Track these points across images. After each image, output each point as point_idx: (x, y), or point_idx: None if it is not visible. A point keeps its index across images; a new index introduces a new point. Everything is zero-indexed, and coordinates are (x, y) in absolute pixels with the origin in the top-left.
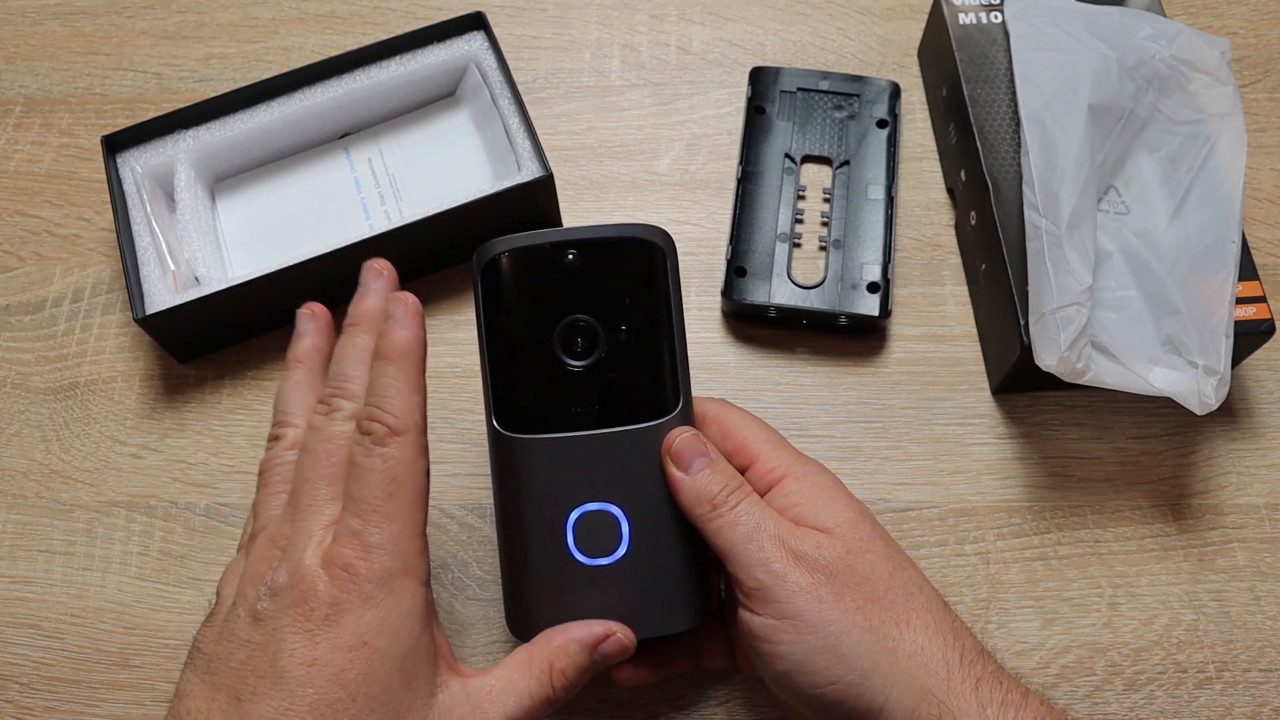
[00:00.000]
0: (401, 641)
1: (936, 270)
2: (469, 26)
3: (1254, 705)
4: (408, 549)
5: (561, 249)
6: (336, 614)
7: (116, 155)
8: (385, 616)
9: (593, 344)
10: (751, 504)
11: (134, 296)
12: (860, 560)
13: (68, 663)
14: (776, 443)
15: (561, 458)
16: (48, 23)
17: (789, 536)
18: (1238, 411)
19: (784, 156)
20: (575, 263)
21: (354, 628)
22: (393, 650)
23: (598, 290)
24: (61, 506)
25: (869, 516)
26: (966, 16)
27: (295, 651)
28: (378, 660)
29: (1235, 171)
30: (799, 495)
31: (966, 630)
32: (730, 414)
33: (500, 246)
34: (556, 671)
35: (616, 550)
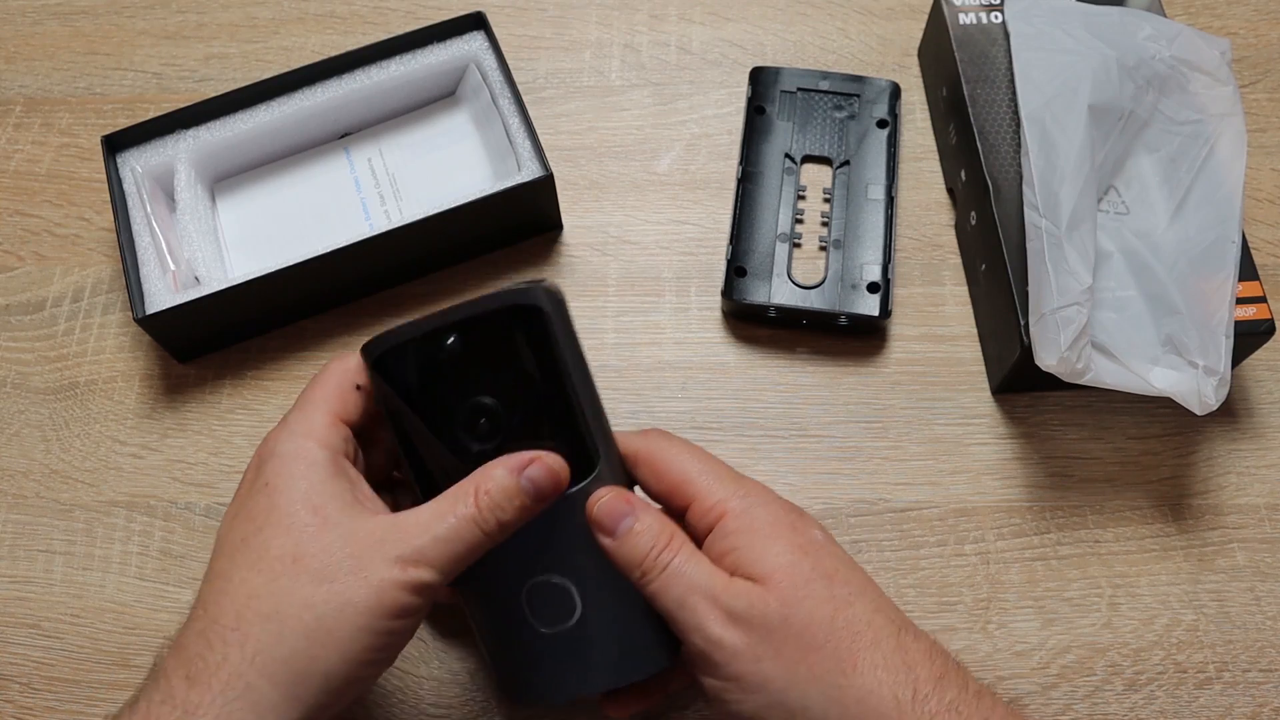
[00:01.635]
0: (300, 481)
1: (936, 270)
2: (469, 26)
3: (1254, 705)
4: (312, 426)
5: (439, 336)
6: (252, 474)
7: (116, 155)
8: (284, 465)
9: (497, 423)
10: (682, 560)
11: (134, 296)
12: (797, 611)
13: (68, 662)
14: (713, 475)
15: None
16: (48, 23)
17: (722, 594)
18: (1238, 411)
19: (784, 156)
20: (457, 346)
21: (261, 478)
22: (291, 488)
23: (488, 367)
24: (61, 506)
25: (812, 551)
26: (966, 16)
27: (230, 509)
28: (278, 496)
29: (1235, 172)
30: (737, 537)
31: (924, 657)
32: (662, 450)
33: (381, 344)
34: (481, 493)
35: (572, 616)
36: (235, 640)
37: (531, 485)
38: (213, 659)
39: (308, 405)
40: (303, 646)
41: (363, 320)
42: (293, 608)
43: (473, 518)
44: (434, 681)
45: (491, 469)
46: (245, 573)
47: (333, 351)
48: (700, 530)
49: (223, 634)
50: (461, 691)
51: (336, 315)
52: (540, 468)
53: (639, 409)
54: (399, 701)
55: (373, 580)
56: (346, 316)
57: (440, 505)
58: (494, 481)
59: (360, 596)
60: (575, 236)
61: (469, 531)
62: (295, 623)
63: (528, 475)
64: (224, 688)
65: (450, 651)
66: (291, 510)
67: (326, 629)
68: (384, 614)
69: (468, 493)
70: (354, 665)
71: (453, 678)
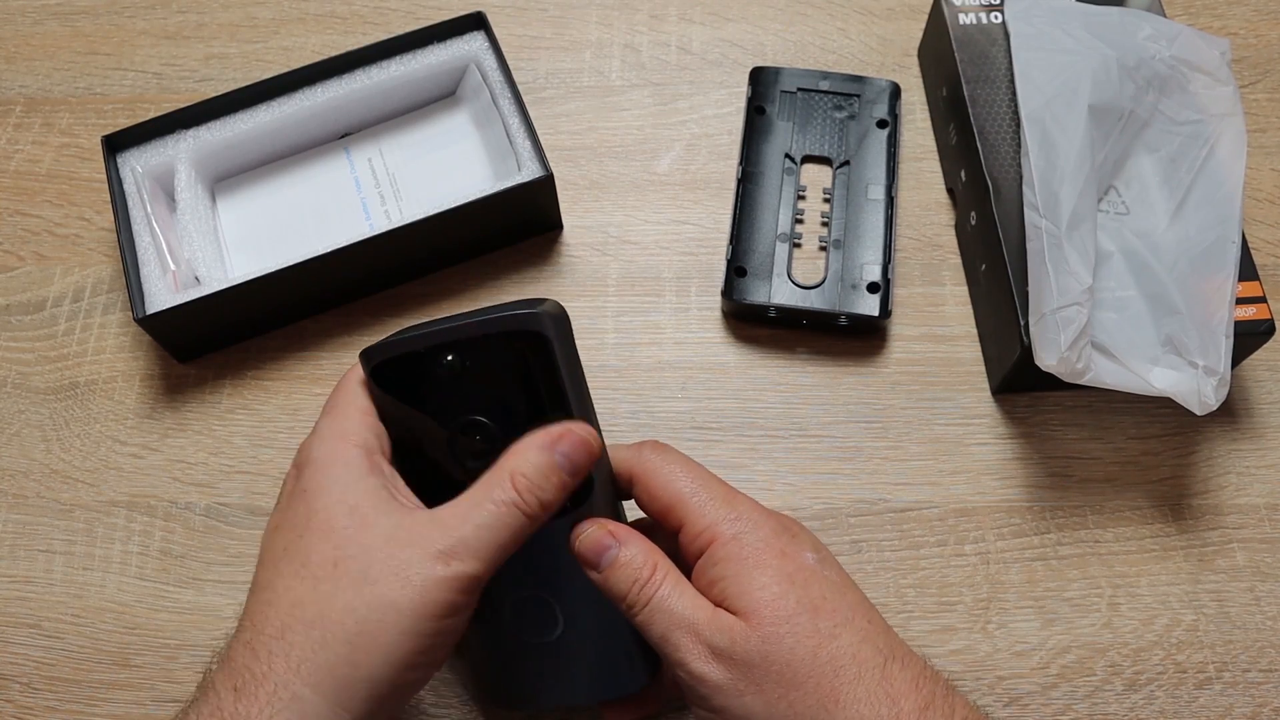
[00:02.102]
0: (336, 484)
1: (936, 270)
2: (469, 26)
3: (1254, 705)
4: (345, 428)
5: (438, 352)
6: (290, 483)
7: (117, 155)
8: (319, 469)
9: (491, 443)
10: (666, 593)
11: (134, 296)
12: (778, 648)
13: (68, 662)
14: (705, 497)
15: None
16: (48, 23)
17: (705, 628)
18: (1238, 412)
19: (784, 156)
20: (455, 363)
21: (299, 485)
22: (328, 492)
23: (484, 386)
24: (61, 506)
25: (799, 580)
26: (966, 16)
27: (271, 520)
28: (316, 501)
29: (1235, 172)
30: (724, 566)
31: (909, 688)
32: (656, 469)
33: (379, 353)
34: (518, 475)
35: (554, 630)
36: (280, 650)
37: (566, 460)
38: (259, 670)
39: (336, 408)
40: (345, 653)
41: (363, 320)
42: (335, 614)
43: (513, 502)
44: (434, 681)
45: (524, 450)
46: (289, 581)
47: (333, 352)
48: (691, 554)
49: (268, 644)
50: (462, 690)
51: (336, 315)
52: (572, 440)
53: (639, 409)
54: None
55: (414, 580)
56: (346, 316)
57: (477, 493)
58: (529, 463)
59: (402, 598)
60: (575, 236)
61: (511, 516)
62: (338, 629)
63: (560, 451)
64: (270, 698)
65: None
66: (330, 514)
67: (369, 634)
68: (428, 614)
69: (503, 478)
70: (399, 670)
71: (454, 677)
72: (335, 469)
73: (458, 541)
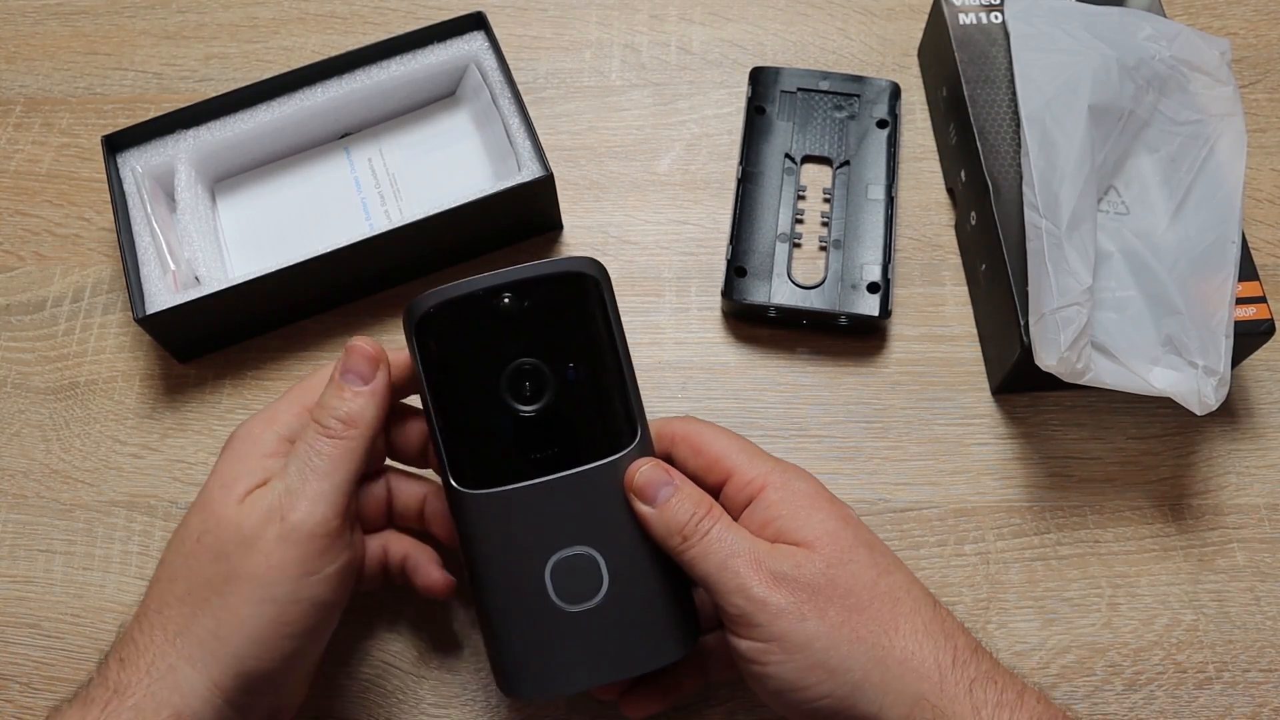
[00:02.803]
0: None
1: (936, 270)
2: (469, 26)
3: (1254, 705)
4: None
5: (494, 294)
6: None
7: (117, 155)
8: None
9: (541, 386)
10: (723, 528)
11: (134, 296)
12: (842, 572)
13: (68, 662)
14: (752, 453)
15: (528, 507)
16: (48, 23)
17: (766, 557)
18: (1238, 412)
19: (784, 156)
20: (511, 306)
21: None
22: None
23: (538, 330)
24: (61, 506)
25: (852, 522)
26: (966, 16)
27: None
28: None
29: (1235, 172)
30: (779, 507)
31: (959, 629)
32: (700, 430)
33: (431, 300)
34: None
35: (598, 592)
36: (159, 623)
37: (352, 375)
38: (142, 642)
39: (284, 395)
40: (211, 626)
41: (363, 320)
42: (199, 588)
43: (316, 431)
44: (433, 681)
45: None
46: (170, 554)
47: (333, 352)
48: (738, 503)
49: (150, 617)
50: (461, 690)
51: (336, 315)
52: (351, 356)
53: None
54: (399, 702)
55: (259, 545)
56: (346, 316)
57: (297, 444)
58: (322, 396)
59: (250, 567)
60: (575, 236)
61: (320, 443)
62: (203, 603)
63: (341, 369)
64: (149, 667)
65: (450, 651)
66: (209, 488)
67: (229, 606)
68: (276, 577)
69: (311, 419)
70: (265, 641)
71: (453, 677)
72: (241, 445)
73: (284, 490)
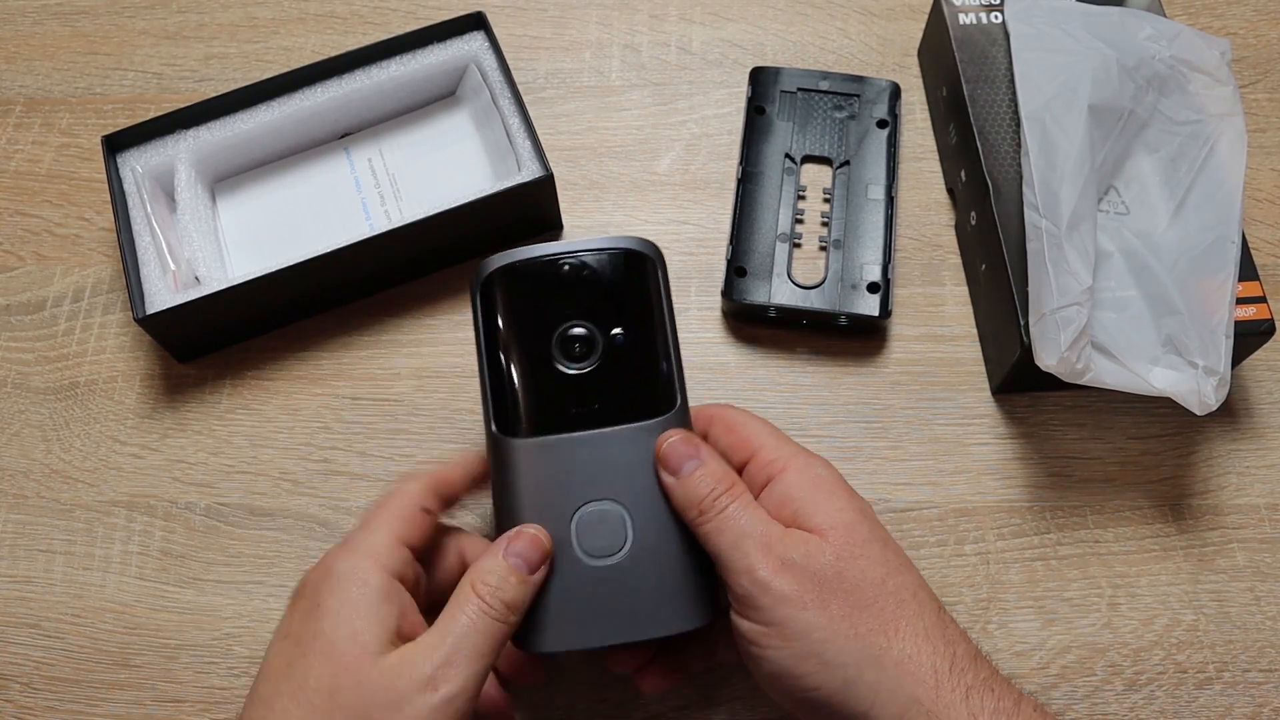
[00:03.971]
0: (349, 606)
1: (936, 270)
2: (469, 26)
3: (1254, 705)
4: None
5: (555, 262)
6: (310, 589)
7: (116, 155)
8: (338, 586)
9: (590, 348)
10: (740, 506)
11: (134, 296)
12: (851, 566)
13: (68, 662)
14: (780, 438)
15: (562, 458)
16: (48, 23)
17: (777, 542)
18: (1238, 412)
19: (784, 156)
20: (571, 274)
21: (314, 598)
22: (338, 613)
23: (593, 298)
24: (61, 506)
25: (868, 516)
26: (966, 16)
27: (281, 626)
28: (325, 620)
29: (1235, 172)
30: (797, 490)
31: (961, 636)
32: (735, 413)
33: (500, 262)
34: (478, 584)
35: (621, 549)
36: None
37: (520, 559)
38: None
39: (370, 525)
40: None
41: (363, 320)
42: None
43: (479, 610)
44: None
45: (481, 559)
46: (286, 702)
47: (333, 352)
48: (759, 481)
49: None
50: None
51: (336, 315)
52: (523, 540)
53: None
54: None
55: (407, 710)
56: (346, 316)
57: (450, 610)
58: (486, 570)
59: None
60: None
61: (482, 623)
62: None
63: (513, 551)
64: None
65: None
66: (334, 637)
67: None
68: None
69: (467, 590)
70: None
71: None
72: (351, 589)
73: (441, 661)
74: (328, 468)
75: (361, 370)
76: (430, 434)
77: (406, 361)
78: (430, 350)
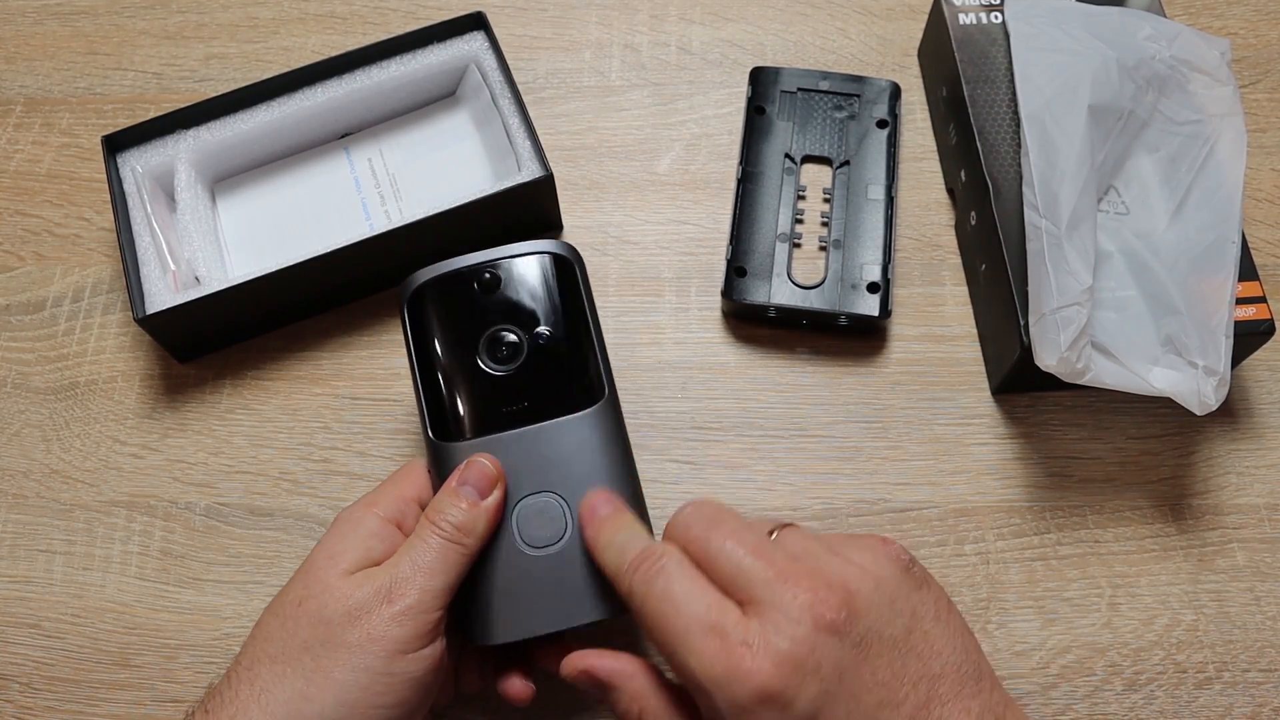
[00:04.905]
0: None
1: (936, 270)
2: (469, 26)
3: (1254, 705)
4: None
5: (475, 271)
6: None
7: (117, 155)
8: (335, 526)
9: (516, 350)
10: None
11: (134, 296)
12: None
13: (68, 662)
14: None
15: (499, 456)
16: (48, 23)
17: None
18: (1237, 412)
19: (784, 156)
20: (492, 281)
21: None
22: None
23: (515, 302)
24: (61, 506)
25: None
26: (966, 16)
27: None
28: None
29: (1235, 172)
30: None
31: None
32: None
33: (424, 276)
34: (430, 510)
35: (562, 537)
36: (247, 679)
37: (470, 488)
38: (228, 695)
39: (383, 484)
40: (301, 687)
41: (363, 320)
42: (294, 649)
43: (432, 531)
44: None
45: (437, 496)
46: (266, 616)
47: (333, 352)
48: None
49: (239, 673)
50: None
51: (336, 315)
52: (471, 470)
53: (639, 409)
54: None
55: (364, 619)
56: (346, 316)
57: (410, 539)
58: (440, 501)
59: (352, 636)
60: (575, 236)
61: (434, 543)
62: (296, 664)
63: (461, 479)
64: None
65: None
66: (314, 559)
67: (323, 670)
68: (379, 650)
69: (424, 521)
70: (354, 709)
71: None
72: (345, 526)
73: (398, 577)
74: (327, 468)
75: (361, 370)
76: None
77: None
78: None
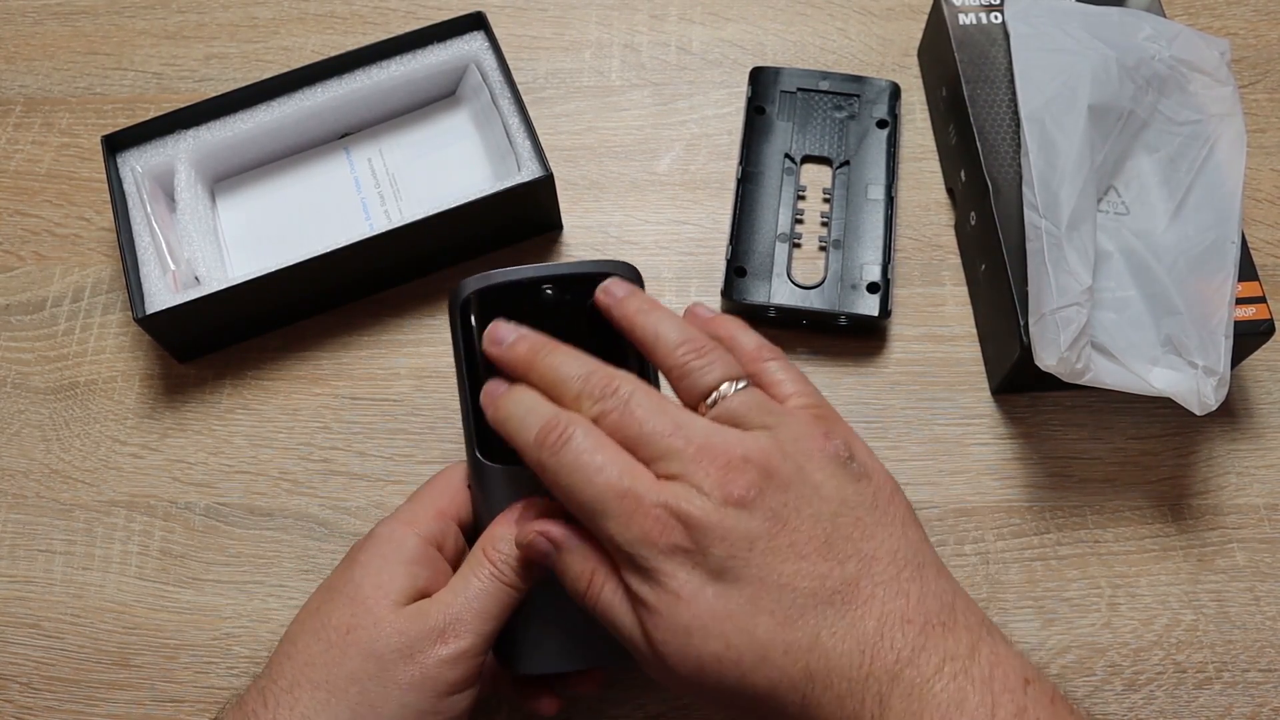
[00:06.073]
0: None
1: (936, 270)
2: (469, 26)
3: (1253, 705)
4: (415, 514)
5: (537, 285)
6: (351, 552)
7: (116, 155)
8: (374, 545)
9: None
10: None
11: (134, 296)
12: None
13: (68, 662)
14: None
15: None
16: (48, 23)
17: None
18: (1237, 412)
19: (784, 156)
20: (552, 297)
21: (353, 555)
22: (368, 565)
23: (572, 322)
24: (61, 506)
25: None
26: (966, 16)
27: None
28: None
29: (1235, 172)
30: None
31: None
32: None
33: (478, 283)
34: (490, 549)
35: None
36: (287, 701)
37: (527, 545)
38: (265, 716)
39: (414, 498)
40: (346, 716)
41: (363, 320)
42: (341, 680)
43: (491, 574)
44: None
45: (492, 529)
46: (308, 638)
47: (333, 352)
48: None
49: (278, 695)
50: None
51: (336, 315)
52: (532, 505)
53: None
54: None
55: (418, 657)
56: (346, 316)
57: (463, 572)
58: (498, 538)
59: (405, 674)
60: (575, 236)
61: (493, 586)
62: (342, 695)
63: (522, 534)
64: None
65: None
66: (360, 585)
67: (371, 704)
68: (428, 690)
69: (479, 555)
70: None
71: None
72: (387, 547)
73: (453, 618)
74: (327, 468)
75: (361, 370)
76: (430, 434)
77: (406, 361)
78: (430, 350)
